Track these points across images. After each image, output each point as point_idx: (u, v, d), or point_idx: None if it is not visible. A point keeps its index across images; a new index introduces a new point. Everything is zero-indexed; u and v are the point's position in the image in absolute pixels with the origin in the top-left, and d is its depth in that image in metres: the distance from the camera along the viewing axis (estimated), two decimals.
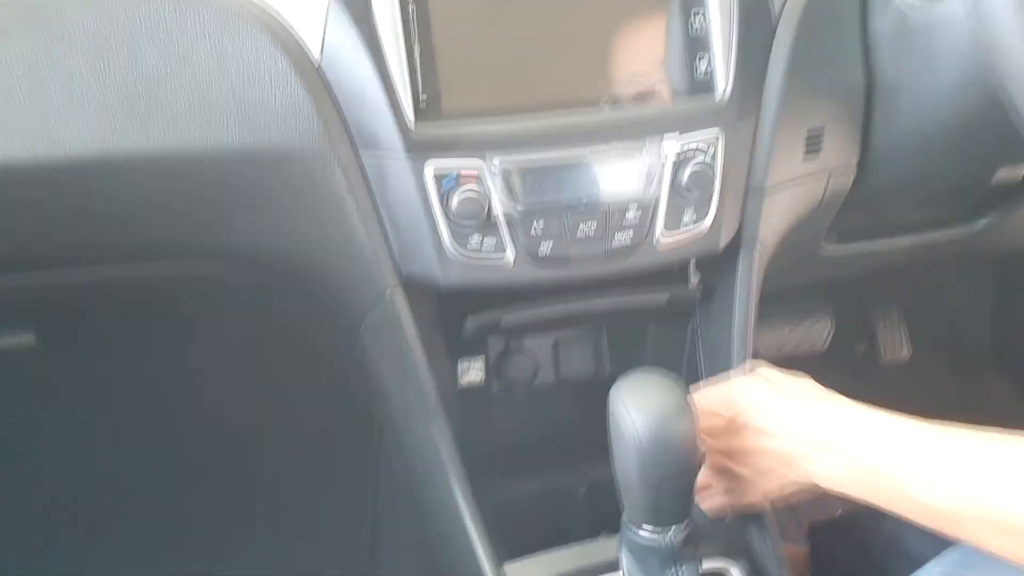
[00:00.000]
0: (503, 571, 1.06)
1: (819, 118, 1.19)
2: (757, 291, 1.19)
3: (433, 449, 1.11)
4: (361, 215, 1.04)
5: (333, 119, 1.03)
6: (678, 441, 0.90)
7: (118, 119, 0.98)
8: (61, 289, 1.16)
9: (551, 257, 1.06)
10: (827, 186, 1.23)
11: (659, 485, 0.91)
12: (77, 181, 0.99)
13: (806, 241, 1.34)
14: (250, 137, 1.01)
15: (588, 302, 1.17)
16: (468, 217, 1.02)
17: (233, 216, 1.06)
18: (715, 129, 1.09)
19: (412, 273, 1.07)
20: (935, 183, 1.34)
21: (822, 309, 1.91)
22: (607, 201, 1.06)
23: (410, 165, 1.02)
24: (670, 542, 0.95)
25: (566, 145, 1.05)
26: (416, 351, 1.09)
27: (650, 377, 0.95)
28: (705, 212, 1.10)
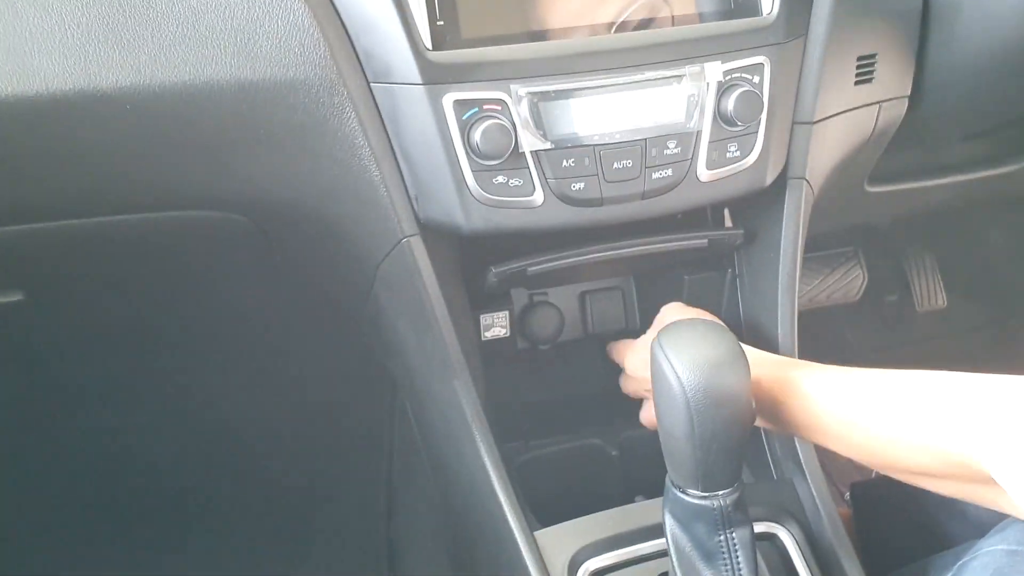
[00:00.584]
0: (534, 539, 0.99)
1: (871, 43, 1.11)
2: (804, 233, 1.11)
3: (457, 408, 1.04)
4: (374, 154, 0.96)
5: (341, 47, 0.94)
6: (730, 394, 0.82)
7: (101, 48, 0.89)
8: (50, 243, 1.08)
9: (583, 197, 0.98)
10: (878, 118, 1.16)
11: (709, 444, 0.83)
12: (57, 121, 0.91)
13: (851, 181, 1.27)
14: (248, 68, 0.93)
15: (621, 248, 1.08)
16: (492, 154, 0.94)
17: (231, 158, 0.98)
18: (761, 52, 1.01)
19: (431, 218, 0.99)
20: (990, 113, 1.27)
21: (854, 259, 1.85)
22: (644, 134, 0.98)
23: (427, 96, 0.93)
24: (720, 506, 0.87)
25: (598, 71, 0.97)
26: (436, 303, 1.02)
27: (696, 325, 0.87)
28: (751, 145, 1.02)
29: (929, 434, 0.83)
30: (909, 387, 0.86)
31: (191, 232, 1.08)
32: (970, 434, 0.78)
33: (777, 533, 1.03)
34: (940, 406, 0.82)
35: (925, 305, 1.96)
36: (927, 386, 0.85)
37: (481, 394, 1.05)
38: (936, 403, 0.83)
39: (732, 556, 0.88)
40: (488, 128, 0.93)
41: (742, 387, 0.83)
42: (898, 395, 0.86)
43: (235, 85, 0.92)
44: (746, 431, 0.85)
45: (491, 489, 1.01)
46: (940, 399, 0.83)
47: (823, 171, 1.13)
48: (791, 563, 1.02)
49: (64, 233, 1.04)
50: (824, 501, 1.04)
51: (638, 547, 1.00)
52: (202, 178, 1.00)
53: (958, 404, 0.81)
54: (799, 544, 1.02)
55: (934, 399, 0.83)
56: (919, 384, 0.85)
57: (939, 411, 0.82)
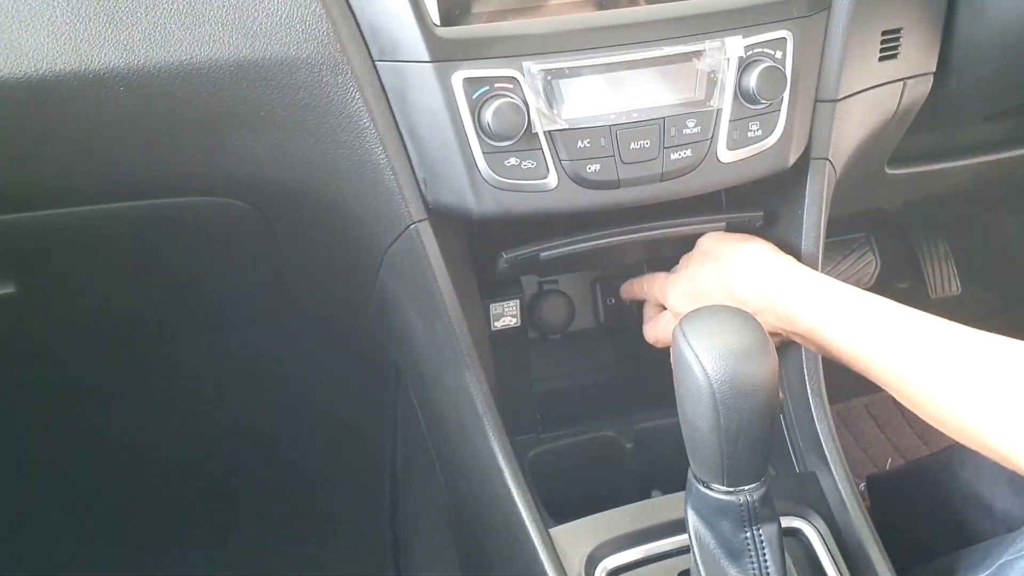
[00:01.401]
0: (550, 536, 0.96)
1: (896, 16, 1.07)
2: (827, 214, 1.07)
3: (467, 400, 1.01)
4: (380, 136, 0.93)
5: (345, 23, 0.90)
6: (758, 385, 0.79)
7: (91, 27, 0.85)
8: (43, 233, 1.05)
9: (599, 179, 0.94)
10: (902, 96, 1.12)
11: (735, 437, 0.80)
12: (48, 103, 0.87)
13: (871, 162, 1.24)
14: (247, 46, 0.89)
15: (637, 232, 1.05)
16: (504, 134, 0.90)
17: (231, 140, 0.94)
18: (784, 26, 0.97)
19: (440, 202, 0.95)
20: (1017, 90, 1.22)
21: (867, 245, 1.83)
22: (662, 113, 0.94)
23: (436, 75, 0.89)
24: (747, 501, 0.83)
25: (614, 47, 0.93)
26: (445, 291, 0.98)
27: (720, 312, 0.83)
28: (773, 124, 0.98)
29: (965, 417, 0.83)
30: (958, 356, 0.86)
31: (190, 220, 1.05)
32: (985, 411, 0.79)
33: (801, 528, 1.00)
34: (962, 372, 0.84)
35: (938, 292, 1.95)
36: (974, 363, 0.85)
37: (492, 386, 1.02)
38: (960, 368, 0.84)
39: (759, 554, 0.84)
40: (500, 107, 0.89)
41: (770, 377, 0.79)
42: (942, 363, 0.86)
43: (233, 64, 0.89)
44: (774, 423, 0.82)
45: (504, 485, 0.99)
46: (966, 365, 0.84)
47: (846, 151, 1.09)
48: (816, 559, 0.99)
49: (58, 223, 1.01)
50: (849, 494, 1.01)
51: (657, 544, 0.97)
52: (201, 161, 0.96)
53: (979, 378, 0.82)
54: (824, 539, 0.99)
55: (960, 363, 0.84)
56: (969, 358, 0.85)
57: (960, 378, 0.84)
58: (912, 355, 0.89)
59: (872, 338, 0.91)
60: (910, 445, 1.89)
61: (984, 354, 0.86)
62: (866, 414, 1.97)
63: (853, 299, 0.95)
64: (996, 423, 0.82)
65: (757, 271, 1.02)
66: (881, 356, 0.90)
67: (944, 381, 0.86)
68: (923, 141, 1.30)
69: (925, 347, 0.88)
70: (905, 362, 0.89)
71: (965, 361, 0.86)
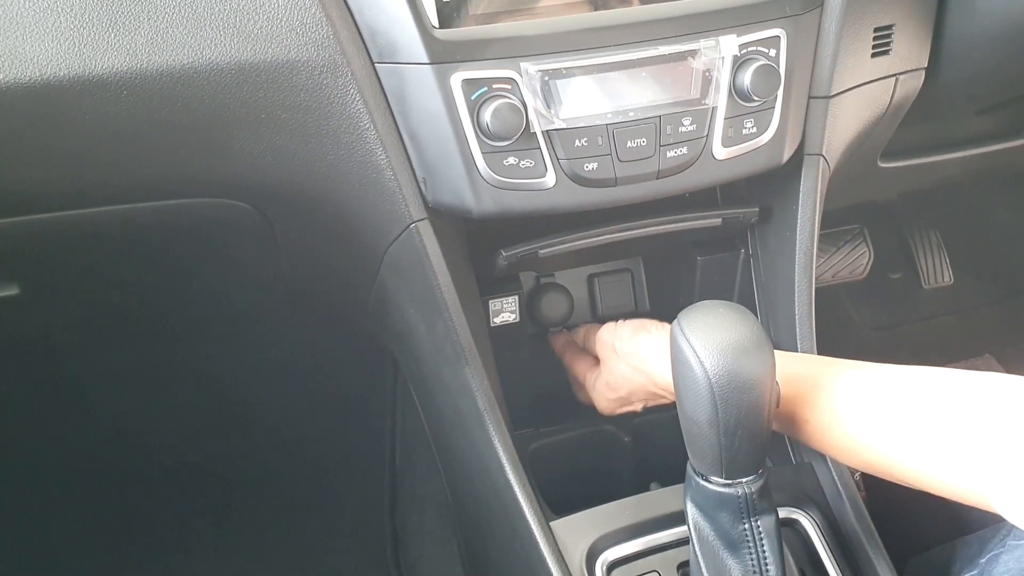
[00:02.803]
0: (551, 530, 0.97)
1: (888, 13, 1.08)
2: (821, 209, 1.08)
3: (468, 396, 1.02)
4: (380, 137, 0.93)
5: (344, 26, 0.91)
6: (756, 379, 0.80)
7: (94, 32, 0.86)
8: (47, 236, 1.05)
9: (596, 177, 0.95)
10: (894, 91, 1.13)
11: (734, 431, 0.81)
12: (53, 107, 0.88)
13: (864, 156, 1.25)
14: (249, 49, 0.89)
15: (633, 228, 1.06)
16: (502, 134, 0.91)
17: (232, 142, 0.94)
18: (778, 24, 0.98)
19: (439, 201, 0.96)
20: (1008, 85, 1.23)
21: (860, 237, 1.84)
22: (658, 111, 0.95)
23: (434, 76, 0.90)
24: (745, 494, 0.85)
25: (611, 47, 0.94)
26: (446, 289, 0.99)
27: (716, 308, 0.84)
28: (768, 121, 0.99)
29: (941, 469, 0.81)
30: (922, 410, 0.83)
31: (192, 221, 1.05)
32: (982, 476, 0.76)
33: (798, 519, 1.01)
34: (951, 440, 0.79)
35: (931, 282, 1.96)
36: (941, 411, 0.82)
37: (492, 381, 1.03)
38: (947, 435, 0.80)
39: (757, 545, 0.86)
40: (498, 108, 0.90)
41: (767, 371, 0.81)
42: (911, 418, 0.83)
43: (234, 67, 0.89)
44: (771, 416, 0.83)
45: (504, 479, 0.99)
46: (952, 429, 0.80)
47: (839, 147, 1.10)
48: (813, 550, 1.00)
49: (62, 225, 1.01)
50: (845, 485, 1.02)
51: (656, 536, 0.98)
52: (202, 163, 0.97)
53: (971, 440, 0.78)
54: (821, 530, 1.00)
55: (947, 429, 0.80)
56: (933, 409, 0.82)
57: (951, 447, 0.79)
58: (828, 405, 0.89)
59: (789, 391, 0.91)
60: None
61: (880, 383, 0.86)
62: None
63: (821, 376, 0.93)
64: (900, 449, 0.83)
65: (660, 365, 1.03)
66: (801, 411, 0.91)
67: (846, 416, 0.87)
68: (915, 135, 1.30)
69: (847, 394, 0.88)
70: (823, 413, 0.89)
71: (864, 393, 0.86)
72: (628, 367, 1.08)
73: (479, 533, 1.17)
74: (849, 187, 1.33)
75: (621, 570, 0.96)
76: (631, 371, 1.07)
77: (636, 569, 0.96)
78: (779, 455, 1.10)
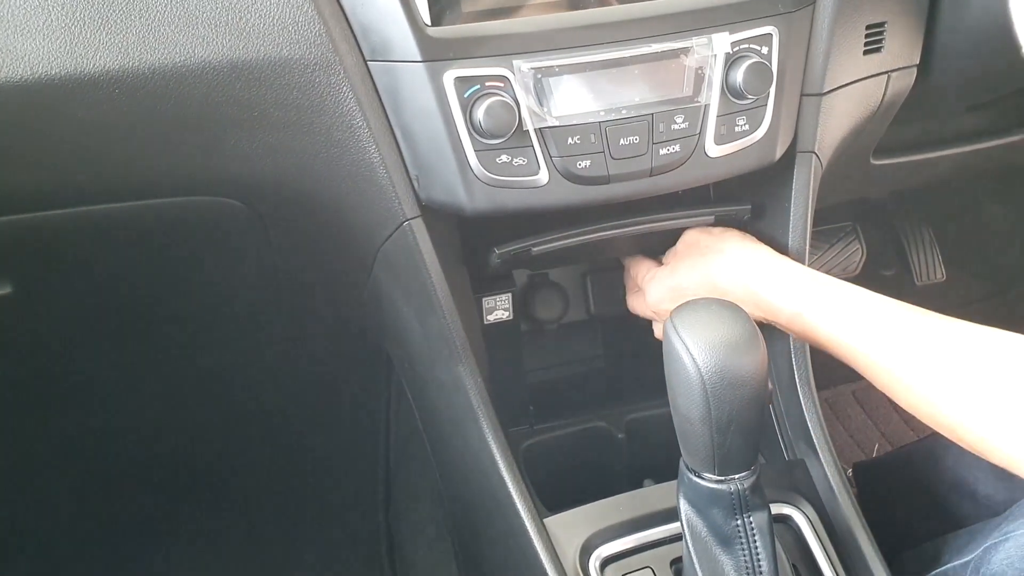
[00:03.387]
0: (544, 526, 0.97)
1: (880, 11, 1.08)
2: (813, 206, 1.08)
3: (461, 393, 1.02)
4: (373, 135, 0.93)
5: (337, 24, 0.91)
6: (748, 376, 0.81)
7: (86, 30, 0.86)
8: (39, 235, 1.05)
9: (589, 175, 0.95)
10: (886, 88, 1.13)
11: (726, 427, 0.82)
12: (45, 106, 0.88)
13: (857, 153, 1.25)
14: (241, 47, 0.89)
15: (627, 226, 1.06)
16: (495, 132, 0.91)
17: (225, 140, 0.94)
18: (770, 22, 0.98)
19: (432, 199, 0.96)
20: (998, 82, 1.24)
21: (853, 234, 1.84)
22: (651, 109, 0.95)
23: (427, 74, 0.90)
24: (737, 490, 0.85)
25: (603, 44, 0.94)
26: (439, 287, 0.99)
27: (709, 305, 0.85)
28: (760, 119, 0.99)
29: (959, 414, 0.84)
30: (955, 356, 0.86)
31: (185, 219, 1.05)
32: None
33: (791, 515, 1.02)
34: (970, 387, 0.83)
35: (924, 279, 1.96)
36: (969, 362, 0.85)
37: (485, 379, 1.03)
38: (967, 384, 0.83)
39: (750, 541, 0.86)
40: (491, 106, 0.90)
41: (759, 368, 0.81)
42: (939, 363, 0.87)
43: (227, 65, 0.89)
44: (763, 413, 0.84)
45: (498, 476, 1.00)
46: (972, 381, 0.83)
47: (831, 144, 1.10)
48: (806, 545, 1.00)
49: (54, 223, 1.01)
50: (837, 481, 1.03)
51: (650, 532, 0.98)
52: (195, 161, 0.97)
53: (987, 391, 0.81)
54: (814, 525, 1.01)
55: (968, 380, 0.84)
56: (965, 358, 0.86)
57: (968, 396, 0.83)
58: (889, 344, 0.90)
59: (851, 326, 0.93)
60: (897, 431, 1.92)
61: (960, 344, 0.87)
62: (853, 400, 1.99)
63: (833, 289, 0.97)
64: (968, 414, 0.84)
65: (737, 263, 1.03)
66: (859, 344, 0.92)
67: (919, 370, 0.88)
68: (907, 132, 1.31)
69: (901, 336, 0.90)
70: (882, 350, 0.90)
71: (940, 351, 0.87)
72: (701, 260, 1.07)
73: (473, 530, 1.17)
74: (842, 184, 1.33)
75: (615, 566, 0.96)
76: (703, 263, 1.06)
77: (630, 565, 0.96)
78: (772, 451, 1.11)
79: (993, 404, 0.83)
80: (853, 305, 0.94)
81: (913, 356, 0.88)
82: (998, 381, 0.83)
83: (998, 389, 0.83)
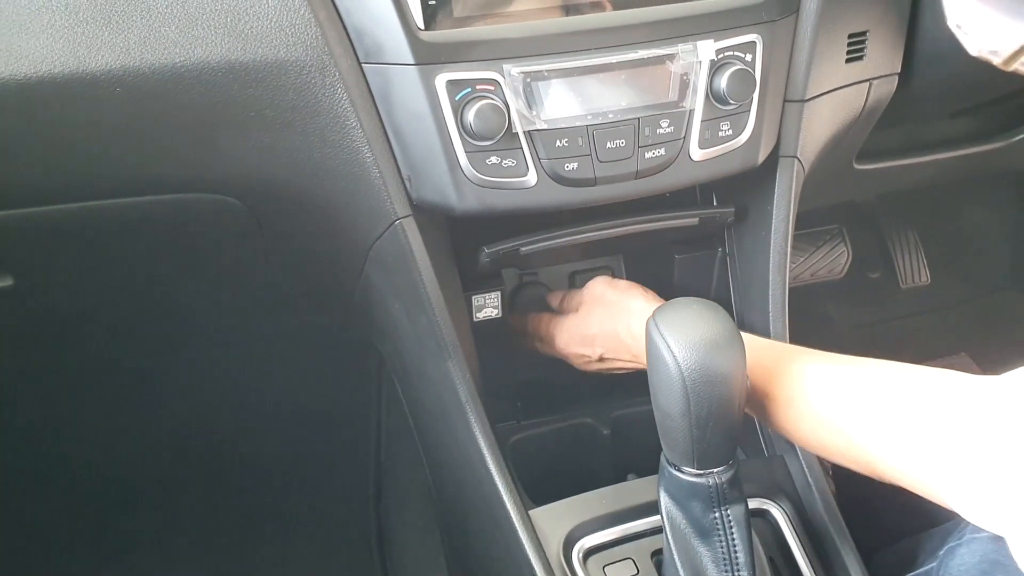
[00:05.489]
0: (530, 518, 0.99)
1: (862, 20, 1.10)
2: (795, 210, 1.11)
3: (450, 389, 1.04)
4: (366, 135, 0.96)
5: (332, 27, 0.93)
6: (726, 374, 0.83)
7: (89, 29, 0.88)
8: (40, 228, 1.07)
9: (577, 177, 0.98)
10: (868, 95, 1.15)
11: (705, 423, 0.84)
12: (47, 103, 0.90)
13: (839, 158, 1.27)
14: (238, 49, 0.91)
15: (613, 227, 1.09)
16: (485, 134, 0.93)
17: (222, 139, 0.96)
18: (754, 30, 1.00)
19: (424, 199, 0.99)
20: (980, 90, 1.25)
21: (839, 236, 1.87)
22: (637, 113, 0.98)
23: (420, 77, 0.92)
24: (716, 483, 0.88)
25: (591, 50, 0.96)
26: (429, 284, 1.01)
27: (690, 305, 0.87)
28: (743, 124, 1.02)
29: (895, 459, 0.83)
30: (881, 401, 0.86)
31: (181, 215, 1.07)
32: (931, 469, 0.79)
33: (769, 509, 1.04)
34: (904, 432, 0.82)
35: (908, 282, 1.98)
36: (898, 404, 0.84)
37: (474, 375, 1.05)
38: (901, 428, 0.83)
39: (727, 533, 0.88)
40: (481, 108, 0.92)
41: (737, 367, 0.83)
42: (871, 409, 0.86)
43: (224, 66, 0.91)
44: (741, 410, 0.86)
45: (485, 469, 1.01)
46: (907, 422, 0.82)
47: (814, 149, 1.13)
48: (783, 539, 1.02)
49: (54, 218, 1.03)
50: (815, 478, 1.05)
51: (632, 525, 1.00)
52: (193, 159, 0.99)
53: (922, 434, 0.80)
54: (791, 520, 1.03)
55: (902, 422, 0.83)
56: (891, 401, 0.85)
57: (904, 439, 0.82)
58: (794, 384, 0.91)
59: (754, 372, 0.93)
60: None
61: (862, 379, 0.88)
62: None
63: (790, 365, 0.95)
64: (889, 449, 0.84)
65: (642, 319, 1.06)
66: (761, 386, 0.93)
67: (828, 408, 0.89)
68: (889, 138, 1.33)
69: (813, 377, 0.91)
70: (787, 391, 0.92)
71: (847, 388, 0.88)
72: (608, 313, 1.11)
73: (461, 522, 1.19)
74: (826, 188, 1.36)
75: (597, 557, 0.98)
76: (610, 317, 1.10)
77: (612, 556, 0.98)
78: (752, 448, 1.13)
79: (882, 428, 0.84)
80: (755, 353, 0.94)
81: (822, 394, 0.89)
82: (887, 407, 0.84)
83: (887, 413, 0.84)
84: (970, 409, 0.77)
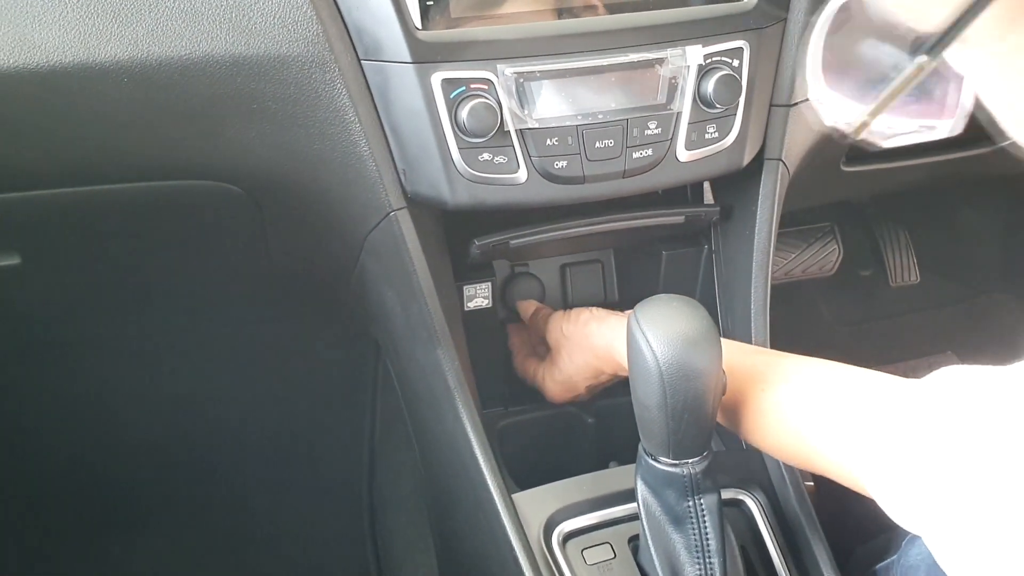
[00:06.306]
0: (512, 501, 1.02)
1: None
2: (779, 211, 1.14)
3: (439, 375, 1.07)
4: (364, 130, 0.98)
5: (333, 24, 0.96)
6: (702, 369, 0.86)
7: (99, 22, 0.91)
8: (47, 209, 1.10)
9: (566, 175, 1.01)
10: None
11: (680, 415, 0.87)
12: (57, 92, 0.92)
13: (827, 160, 1.30)
14: (243, 43, 0.94)
15: (601, 223, 1.12)
16: (478, 132, 0.96)
17: (225, 130, 0.99)
18: (741, 36, 1.03)
19: (418, 192, 1.02)
20: None
21: (831, 234, 1.88)
22: (626, 115, 1.01)
23: (416, 75, 0.95)
24: (689, 473, 0.91)
25: (582, 53, 0.99)
26: (421, 274, 1.04)
27: (670, 302, 0.90)
28: (729, 127, 1.05)
29: (831, 458, 0.87)
30: (823, 403, 0.89)
31: (185, 202, 1.09)
32: (858, 464, 0.82)
33: (744, 500, 1.07)
34: (839, 431, 0.85)
35: (899, 280, 2.00)
36: (837, 405, 0.87)
37: (463, 362, 1.07)
38: (837, 427, 0.86)
39: (699, 521, 0.92)
40: (475, 107, 0.95)
41: (713, 362, 0.86)
42: (815, 411, 0.90)
43: (229, 60, 0.94)
44: (716, 403, 0.89)
45: (471, 453, 1.04)
46: (841, 421, 0.86)
47: (799, 152, 1.15)
48: (756, 529, 1.05)
49: (62, 201, 1.06)
50: (790, 471, 1.08)
51: (611, 510, 1.03)
52: (197, 148, 1.01)
53: (852, 432, 0.83)
54: (764, 511, 1.06)
55: (838, 421, 0.86)
56: (832, 403, 0.88)
57: (838, 438, 0.85)
58: (758, 382, 0.95)
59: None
60: None
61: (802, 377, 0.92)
62: None
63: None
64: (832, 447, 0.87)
65: (602, 337, 1.10)
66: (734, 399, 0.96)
67: (784, 405, 0.93)
68: None
69: (772, 377, 0.94)
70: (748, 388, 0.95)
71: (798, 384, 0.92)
72: (573, 350, 1.14)
73: (448, 503, 1.22)
74: (815, 188, 1.38)
75: (576, 541, 1.01)
76: (577, 352, 1.13)
77: (590, 540, 1.01)
78: (730, 440, 1.16)
79: (822, 429, 0.87)
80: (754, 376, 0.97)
81: (778, 392, 0.93)
82: (827, 409, 0.88)
83: (827, 415, 0.87)
84: (895, 410, 0.80)
